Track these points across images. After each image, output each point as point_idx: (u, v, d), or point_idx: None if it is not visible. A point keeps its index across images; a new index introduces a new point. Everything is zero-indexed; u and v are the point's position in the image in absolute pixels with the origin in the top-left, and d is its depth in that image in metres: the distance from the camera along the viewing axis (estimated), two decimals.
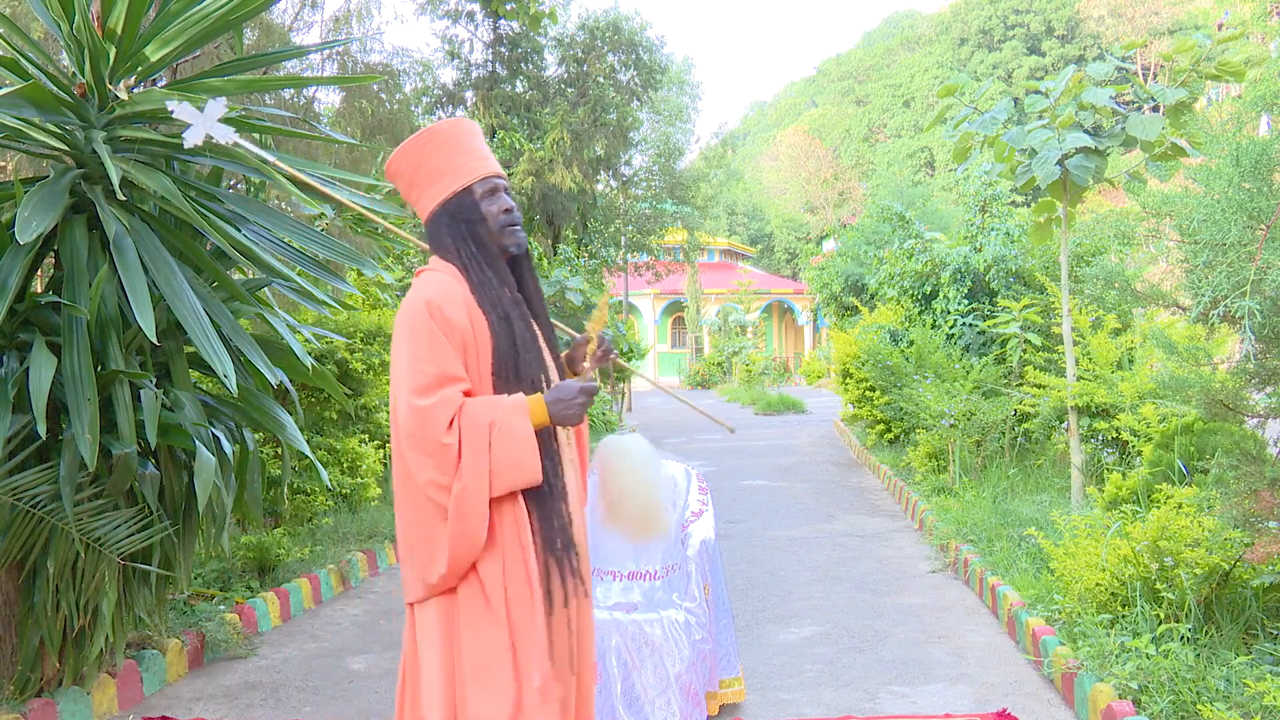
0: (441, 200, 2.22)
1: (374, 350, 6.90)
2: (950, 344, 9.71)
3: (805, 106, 62.91)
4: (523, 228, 2.27)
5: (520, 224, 2.24)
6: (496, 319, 2.15)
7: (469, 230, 2.20)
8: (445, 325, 2.10)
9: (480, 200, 2.21)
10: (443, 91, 17.03)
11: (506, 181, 2.27)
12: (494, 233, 2.21)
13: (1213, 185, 3.28)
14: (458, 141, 2.23)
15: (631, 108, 17.71)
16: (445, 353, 2.09)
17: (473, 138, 2.27)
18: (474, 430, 2.06)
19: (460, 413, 2.07)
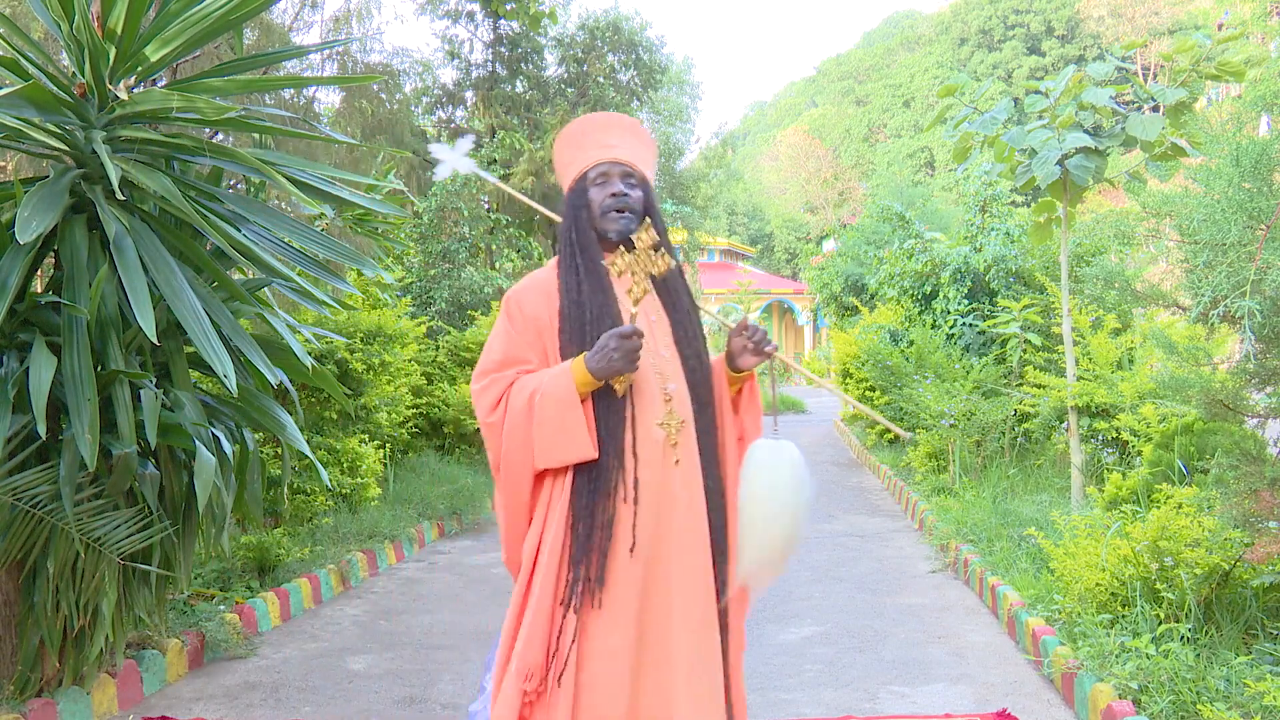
0: (566, 191, 2.28)
1: (374, 350, 6.90)
2: (950, 344, 9.71)
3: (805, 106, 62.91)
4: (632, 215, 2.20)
5: (627, 209, 2.20)
6: (568, 303, 2.16)
7: (574, 216, 2.23)
8: (518, 315, 2.18)
9: (590, 186, 2.23)
10: (443, 91, 17.02)
11: (627, 166, 2.23)
12: (595, 218, 2.21)
13: (1213, 185, 3.28)
14: (584, 134, 2.28)
15: (631, 108, 17.70)
16: (511, 340, 2.16)
17: (601, 130, 2.29)
18: (518, 400, 2.09)
19: (509, 388, 2.12)
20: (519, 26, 16.56)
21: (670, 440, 2.15)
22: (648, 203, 2.24)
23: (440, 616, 5.27)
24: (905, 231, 11.80)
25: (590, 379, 2.06)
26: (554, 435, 2.07)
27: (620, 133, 2.29)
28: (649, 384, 2.16)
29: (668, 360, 2.21)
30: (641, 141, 2.32)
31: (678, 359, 2.22)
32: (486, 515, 8.46)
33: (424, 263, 11.26)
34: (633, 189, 2.22)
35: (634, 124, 2.35)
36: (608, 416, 2.12)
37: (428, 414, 9.15)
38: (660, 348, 2.21)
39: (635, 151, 2.27)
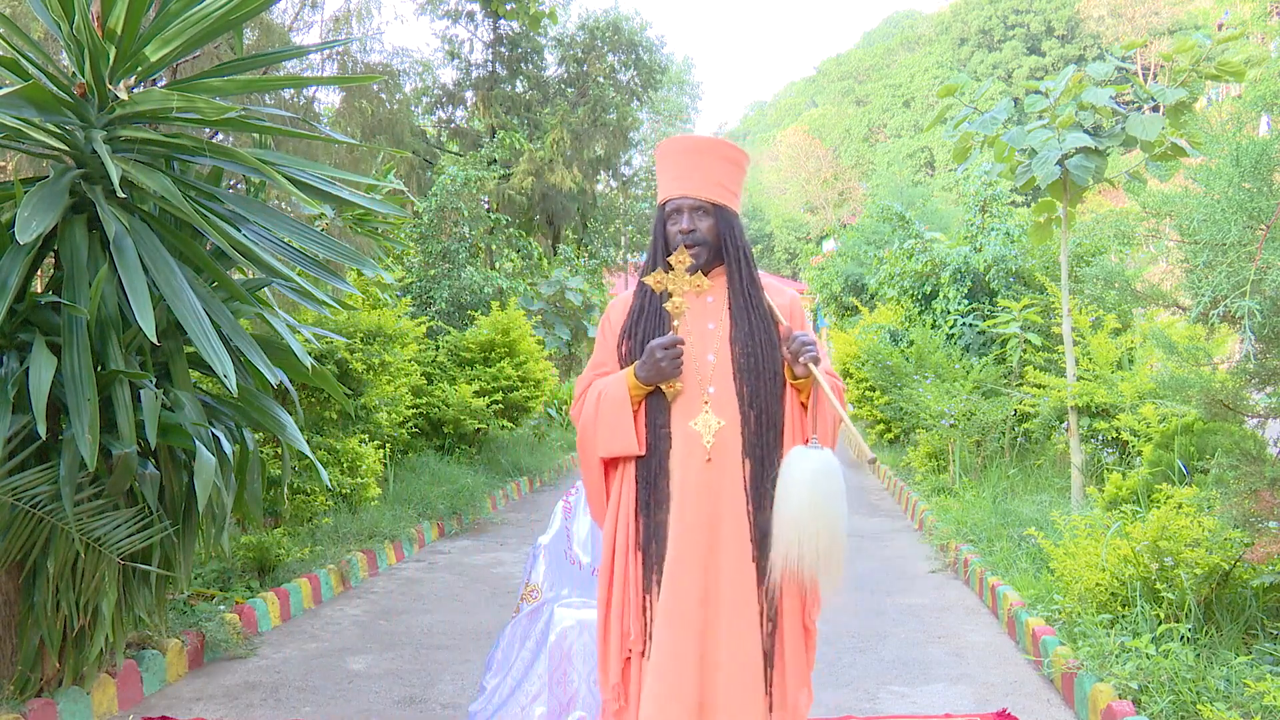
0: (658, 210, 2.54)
1: (374, 350, 6.90)
2: (950, 344, 9.71)
3: (805, 106, 62.90)
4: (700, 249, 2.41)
5: (696, 244, 2.41)
6: (633, 317, 2.47)
7: (654, 243, 2.51)
8: (606, 326, 2.54)
9: (667, 219, 2.46)
10: (443, 91, 17.02)
11: (693, 200, 2.42)
12: (670, 247, 2.44)
13: (1213, 185, 3.28)
14: (664, 163, 2.49)
15: (631, 108, 17.70)
16: (600, 347, 2.52)
17: (676, 159, 2.47)
18: (590, 400, 2.44)
19: (587, 389, 2.47)
20: (519, 26, 16.57)
21: (705, 441, 2.34)
22: (719, 226, 2.43)
23: (440, 616, 5.27)
24: (905, 231, 11.81)
25: (640, 384, 2.37)
26: (608, 431, 2.39)
27: (692, 159, 2.45)
28: (690, 387, 2.38)
29: (714, 365, 2.38)
30: (716, 161, 2.45)
31: (730, 365, 2.38)
32: (486, 515, 8.46)
33: (424, 263, 11.26)
34: (702, 219, 2.42)
35: (712, 146, 2.48)
36: (654, 416, 2.38)
37: (428, 414, 9.15)
38: (708, 353, 2.39)
39: (708, 177, 2.43)
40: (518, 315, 10.25)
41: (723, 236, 2.42)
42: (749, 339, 2.38)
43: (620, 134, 17.30)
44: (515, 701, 3.29)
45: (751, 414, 2.35)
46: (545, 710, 3.24)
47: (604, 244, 19.25)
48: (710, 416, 2.35)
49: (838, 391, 2.37)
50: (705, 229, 2.41)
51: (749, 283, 2.42)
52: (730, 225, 2.44)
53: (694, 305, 2.43)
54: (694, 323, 2.40)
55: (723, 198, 2.43)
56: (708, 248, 2.41)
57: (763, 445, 2.36)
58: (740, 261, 2.42)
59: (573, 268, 15.47)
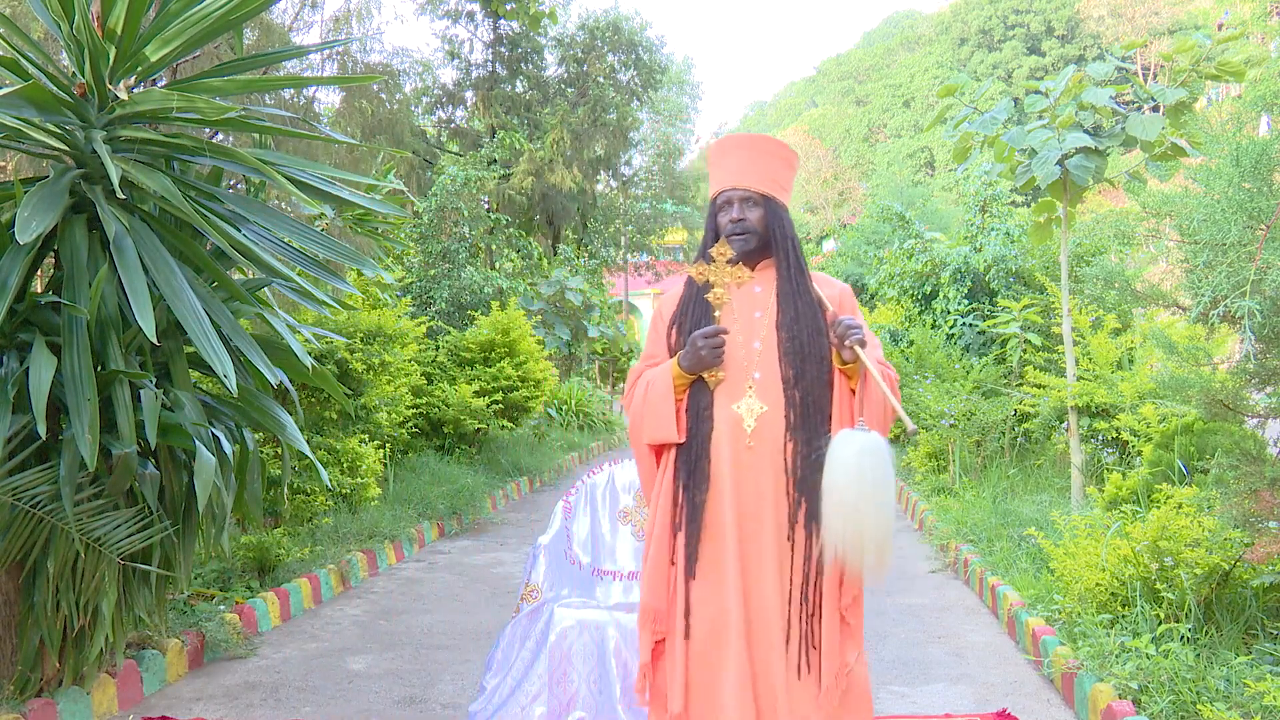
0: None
1: (374, 350, 6.90)
2: (950, 344, 9.71)
3: (805, 106, 62.90)
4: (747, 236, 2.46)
5: (745, 232, 2.46)
6: (681, 307, 2.55)
7: (705, 235, 2.55)
8: (658, 317, 2.61)
9: (718, 211, 2.52)
10: (443, 91, 17.03)
11: (745, 191, 2.48)
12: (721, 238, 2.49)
13: (1213, 185, 3.28)
14: (717, 159, 2.55)
15: (631, 108, 17.70)
16: (653, 341, 2.61)
17: (729, 155, 2.53)
18: (639, 389, 2.53)
19: (638, 379, 2.56)
20: (519, 26, 16.57)
21: (745, 425, 2.40)
22: (769, 216, 2.49)
23: (440, 616, 5.27)
24: (905, 231, 11.82)
25: (683, 374, 2.45)
26: (652, 419, 2.49)
27: (745, 155, 2.51)
28: (735, 373, 2.44)
29: (759, 352, 2.44)
30: (766, 158, 2.52)
31: (775, 350, 2.43)
32: (486, 515, 8.46)
33: (424, 263, 11.26)
34: (751, 209, 2.48)
35: (764, 143, 2.55)
36: (697, 403, 2.45)
37: (428, 414, 9.15)
38: (754, 340, 2.45)
39: (759, 170, 2.49)
40: (518, 315, 10.25)
41: (771, 227, 2.48)
42: (794, 325, 2.43)
43: (620, 134, 17.31)
44: (515, 701, 3.29)
45: (796, 397, 2.40)
46: (545, 710, 3.24)
47: (604, 244, 19.26)
48: (753, 401, 2.41)
49: (889, 381, 2.39)
50: (754, 219, 2.47)
51: (796, 271, 2.47)
52: (779, 216, 2.50)
53: (742, 295, 2.49)
54: (741, 312, 2.47)
55: (772, 190, 2.50)
56: (756, 236, 2.47)
57: (807, 429, 2.40)
58: (788, 251, 2.48)
59: (573, 268, 15.48)
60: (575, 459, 12.32)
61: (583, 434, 13.93)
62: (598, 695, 3.24)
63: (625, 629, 3.29)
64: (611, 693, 3.23)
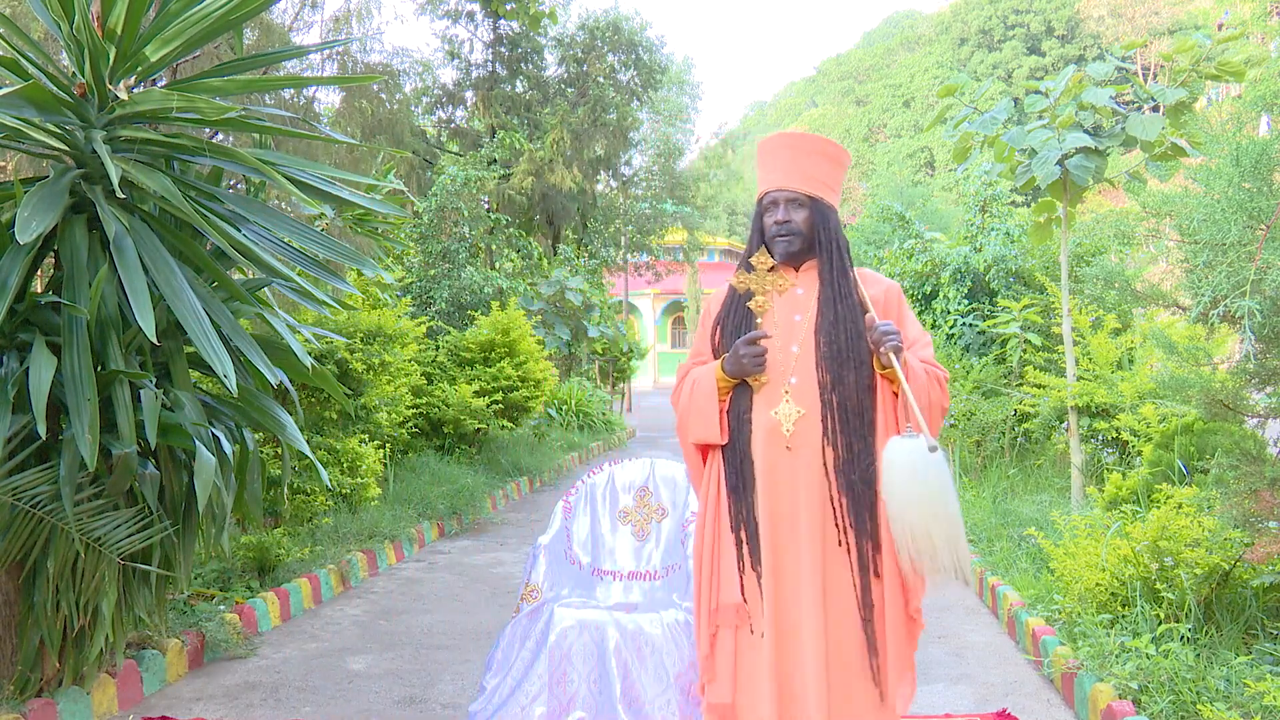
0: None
1: (374, 350, 6.90)
2: (950, 344, 9.71)
3: (805, 106, 62.88)
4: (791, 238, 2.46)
5: (789, 234, 2.46)
6: (723, 314, 2.58)
7: (752, 235, 2.57)
8: (705, 317, 2.65)
9: (764, 212, 2.52)
10: (443, 91, 17.02)
11: (790, 193, 2.48)
12: (766, 240, 2.52)
13: (1213, 185, 3.28)
14: (763, 158, 2.55)
15: (631, 108, 17.70)
16: (700, 339, 2.63)
17: (775, 154, 2.52)
18: (686, 388, 2.57)
19: (685, 377, 2.59)
20: (519, 26, 16.56)
21: (784, 429, 2.41)
22: (814, 218, 2.48)
23: (440, 616, 5.27)
24: (905, 231, 11.81)
25: (727, 378, 2.47)
26: (697, 419, 2.52)
27: (791, 155, 2.50)
28: (774, 378, 2.45)
29: (797, 356, 2.44)
30: (813, 157, 2.50)
31: (813, 355, 2.42)
32: (486, 515, 8.46)
33: (424, 263, 11.26)
34: (797, 211, 2.47)
35: (812, 142, 2.53)
36: (738, 403, 2.47)
37: (428, 414, 9.15)
38: (792, 344, 2.45)
39: (805, 171, 2.48)
40: (518, 315, 10.25)
41: (817, 228, 2.48)
42: (834, 329, 2.42)
43: (620, 134, 17.31)
44: (515, 701, 3.29)
45: (834, 401, 2.39)
46: (545, 710, 3.24)
47: (604, 244, 19.26)
48: (790, 406, 2.41)
49: (935, 380, 2.40)
50: (800, 220, 2.47)
51: (839, 274, 2.46)
52: (825, 218, 2.48)
53: (784, 298, 2.49)
54: (782, 315, 2.47)
55: (819, 191, 2.48)
56: (801, 238, 2.47)
57: (848, 433, 2.40)
58: (832, 254, 2.47)
59: (573, 268, 15.47)
60: (575, 459, 12.32)
61: (583, 434, 13.94)
62: (598, 695, 3.24)
63: (625, 629, 3.29)
64: (611, 693, 3.23)
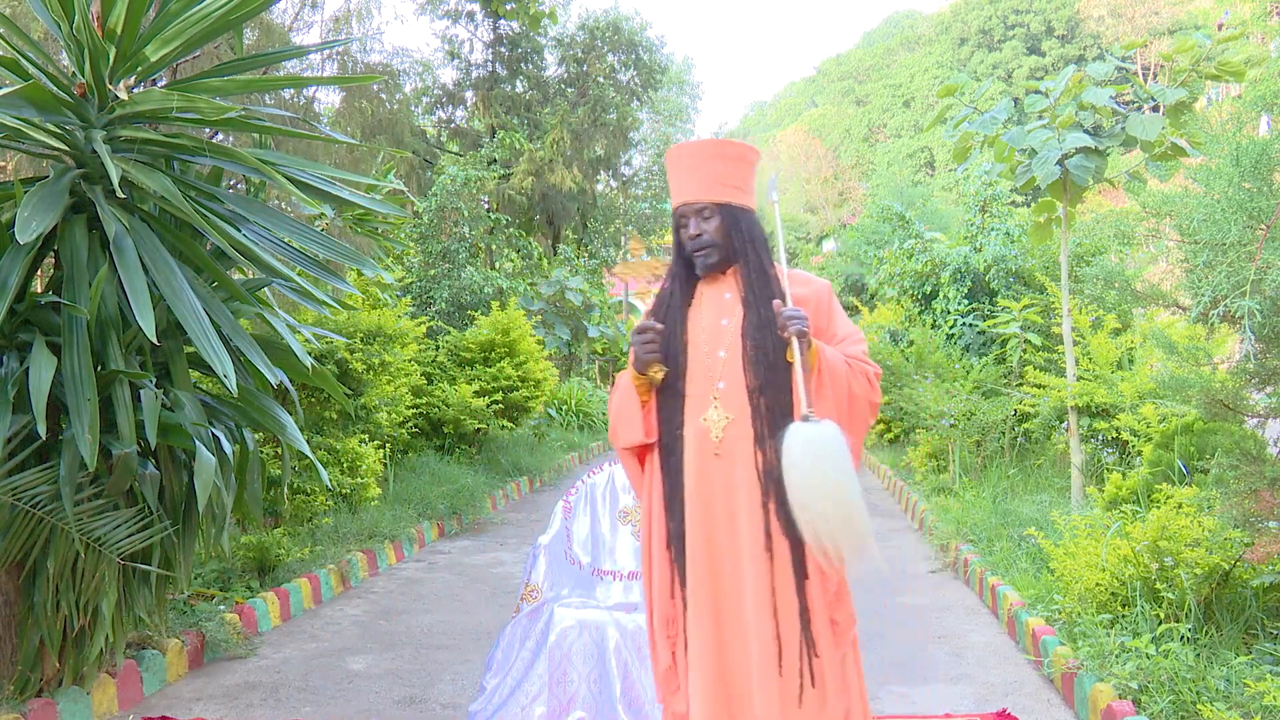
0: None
1: (374, 350, 6.90)
2: (950, 344, 9.71)
3: (805, 106, 62.90)
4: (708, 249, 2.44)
5: (704, 247, 2.44)
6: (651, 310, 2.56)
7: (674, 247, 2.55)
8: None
9: (679, 227, 2.49)
10: (443, 91, 17.02)
11: (697, 204, 2.45)
12: (685, 255, 2.50)
13: (1213, 185, 3.28)
14: (670, 171, 2.52)
15: (631, 108, 17.69)
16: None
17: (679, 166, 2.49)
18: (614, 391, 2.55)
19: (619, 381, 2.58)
20: (519, 26, 16.56)
21: (713, 435, 2.37)
22: (726, 224, 2.44)
23: (440, 616, 5.27)
24: (905, 231, 11.82)
25: (637, 374, 2.43)
26: (621, 421, 2.50)
27: (693, 164, 2.47)
28: (700, 383, 2.41)
29: (724, 360, 2.40)
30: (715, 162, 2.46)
31: (740, 358, 2.39)
32: (486, 515, 8.46)
33: (424, 263, 11.25)
34: (707, 221, 2.44)
35: (712, 147, 2.49)
36: (670, 416, 2.44)
37: (428, 414, 9.15)
38: (719, 350, 2.41)
39: (708, 178, 2.45)
40: (518, 315, 10.25)
41: (730, 234, 2.44)
42: (759, 332, 2.38)
43: (620, 134, 17.30)
44: (515, 701, 3.29)
45: (762, 405, 2.35)
46: (545, 710, 3.24)
47: (604, 244, 19.25)
48: (719, 412, 2.38)
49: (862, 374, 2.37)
50: (712, 230, 2.43)
51: (759, 274, 2.42)
52: (737, 221, 2.44)
53: (711, 302, 2.47)
54: (709, 319, 2.44)
55: (726, 196, 2.44)
56: (717, 249, 2.44)
57: (776, 436, 2.33)
58: (748, 256, 2.43)
59: (573, 268, 15.48)
60: (575, 459, 12.32)
61: (583, 434, 13.94)
62: (598, 695, 3.24)
63: (625, 629, 3.29)
64: (611, 693, 3.23)
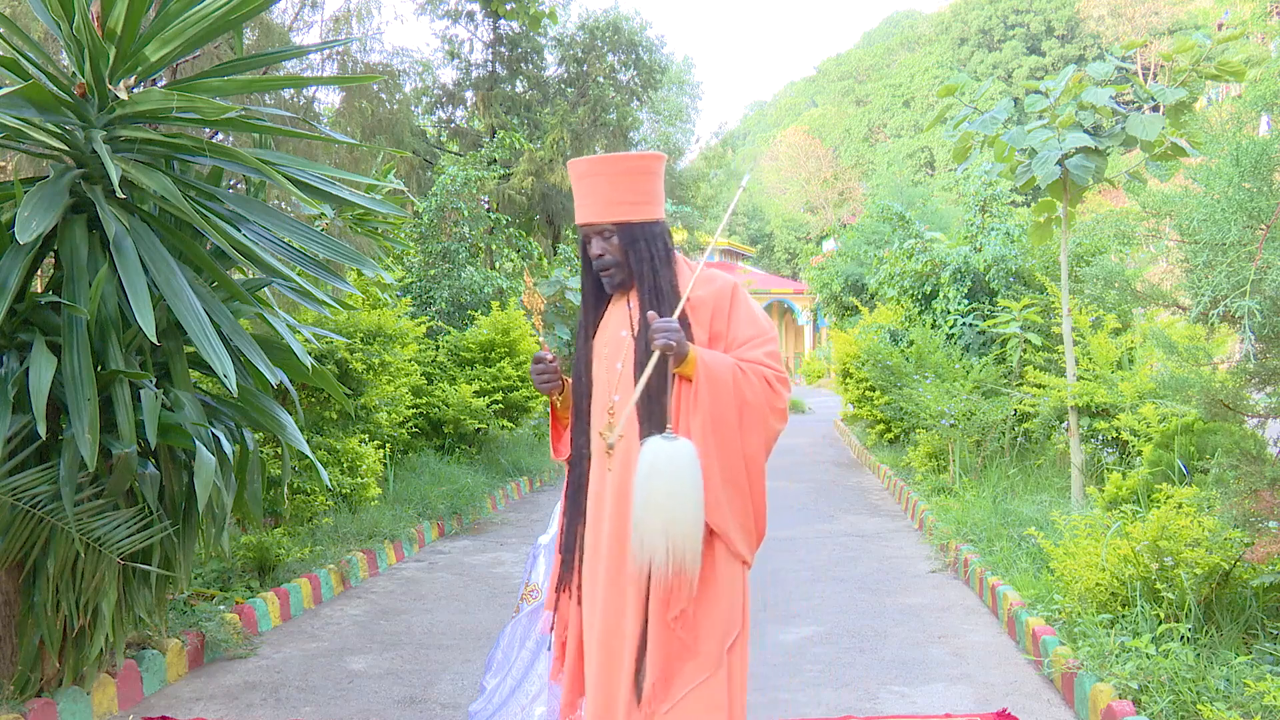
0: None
1: (374, 350, 6.90)
2: (950, 344, 9.71)
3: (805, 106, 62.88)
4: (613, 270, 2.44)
5: (607, 268, 2.44)
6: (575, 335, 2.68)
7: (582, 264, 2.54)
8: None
9: (584, 245, 2.48)
10: (443, 91, 17.02)
11: (596, 225, 2.43)
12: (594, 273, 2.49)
13: (1213, 185, 3.28)
14: (574, 185, 2.47)
15: (631, 108, 17.69)
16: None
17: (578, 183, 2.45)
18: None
19: None
20: (519, 26, 16.56)
21: (606, 450, 2.37)
22: (623, 243, 2.42)
23: (440, 616, 5.27)
24: (905, 231, 11.82)
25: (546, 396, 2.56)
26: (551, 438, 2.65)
27: (593, 184, 2.42)
28: (602, 396, 2.44)
29: (621, 373, 2.41)
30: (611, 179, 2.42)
31: (632, 373, 2.37)
32: (486, 515, 8.46)
33: (424, 263, 11.25)
34: (607, 242, 2.43)
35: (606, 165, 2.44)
36: (579, 424, 2.50)
37: (428, 414, 9.14)
38: (617, 362, 2.42)
39: (605, 197, 2.41)
40: (518, 315, 10.25)
41: (627, 252, 2.41)
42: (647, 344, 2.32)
43: (620, 134, 17.30)
44: (515, 701, 3.29)
45: (650, 416, 2.31)
46: (545, 710, 3.24)
47: None
48: (612, 428, 2.38)
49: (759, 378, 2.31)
50: (612, 250, 2.42)
51: (652, 290, 2.38)
52: (633, 239, 2.41)
53: (617, 315, 2.48)
54: (612, 332, 2.46)
55: (623, 214, 2.40)
56: (619, 268, 2.43)
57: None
58: (643, 274, 2.40)
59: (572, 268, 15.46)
60: None
61: None
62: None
63: None
64: None
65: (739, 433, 2.29)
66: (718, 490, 2.27)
